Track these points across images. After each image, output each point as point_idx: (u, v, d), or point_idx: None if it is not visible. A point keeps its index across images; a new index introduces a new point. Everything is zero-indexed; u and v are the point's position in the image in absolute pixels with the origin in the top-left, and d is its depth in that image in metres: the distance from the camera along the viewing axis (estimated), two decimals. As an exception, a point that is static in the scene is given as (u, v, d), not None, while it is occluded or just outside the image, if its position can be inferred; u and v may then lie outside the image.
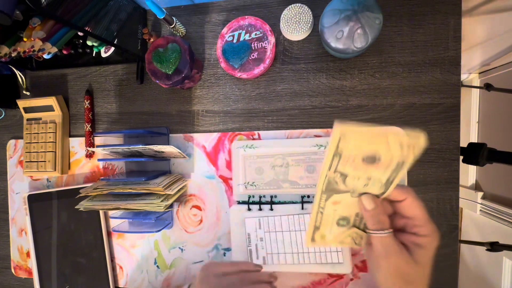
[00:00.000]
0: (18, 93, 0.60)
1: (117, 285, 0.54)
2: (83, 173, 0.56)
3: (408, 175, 0.44)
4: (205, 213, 0.50)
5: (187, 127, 0.52)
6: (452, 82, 0.43)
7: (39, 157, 0.54)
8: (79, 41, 0.52)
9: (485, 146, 0.45)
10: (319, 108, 0.47)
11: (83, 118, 0.56)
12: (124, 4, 0.48)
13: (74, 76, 0.57)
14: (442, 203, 0.43)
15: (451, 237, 0.43)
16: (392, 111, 0.44)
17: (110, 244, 0.54)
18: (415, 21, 0.44)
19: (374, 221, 0.29)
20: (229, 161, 0.49)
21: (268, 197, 0.47)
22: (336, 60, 0.46)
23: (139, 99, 0.54)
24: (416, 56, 0.44)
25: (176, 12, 0.52)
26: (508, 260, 1.02)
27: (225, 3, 0.50)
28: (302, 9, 0.45)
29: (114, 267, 0.54)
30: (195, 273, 0.51)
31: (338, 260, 0.44)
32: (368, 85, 0.45)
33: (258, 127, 0.49)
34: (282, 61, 0.48)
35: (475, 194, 1.17)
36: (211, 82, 0.51)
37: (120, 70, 0.55)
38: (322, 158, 0.45)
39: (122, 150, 0.49)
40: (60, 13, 0.36)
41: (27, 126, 0.56)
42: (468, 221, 1.26)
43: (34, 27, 0.39)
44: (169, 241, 0.52)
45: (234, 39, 0.47)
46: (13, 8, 0.32)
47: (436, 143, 0.43)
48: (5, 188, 0.61)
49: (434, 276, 0.43)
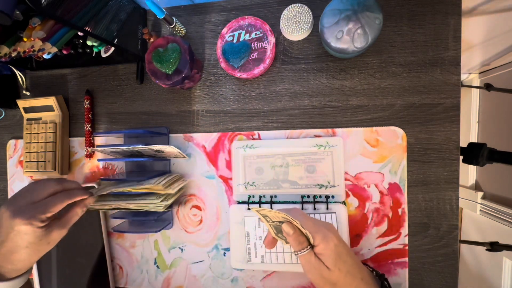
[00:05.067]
0: (18, 93, 0.60)
1: (117, 285, 0.54)
2: (83, 173, 0.56)
3: (408, 175, 0.44)
4: (205, 213, 0.50)
5: (187, 127, 0.52)
6: (452, 82, 0.43)
7: (39, 157, 0.54)
8: (79, 41, 0.52)
9: (485, 146, 0.45)
10: (319, 108, 0.47)
11: (83, 118, 0.56)
12: (124, 4, 0.48)
13: (74, 76, 0.57)
14: (442, 203, 0.43)
15: (451, 237, 0.43)
16: (392, 111, 0.44)
17: (110, 244, 0.54)
18: (415, 21, 0.44)
19: (295, 243, 0.35)
20: (229, 161, 0.49)
21: (268, 197, 0.47)
22: (336, 60, 0.46)
23: (139, 99, 0.54)
24: (416, 56, 0.44)
25: (176, 12, 0.52)
26: (508, 260, 1.02)
27: (225, 3, 0.50)
28: (302, 9, 0.45)
29: (114, 267, 0.54)
30: (195, 273, 0.51)
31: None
32: (368, 85, 0.45)
33: (258, 127, 0.49)
34: (282, 61, 0.48)
35: (475, 194, 1.17)
36: (211, 82, 0.51)
37: (120, 70, 0.55)
38: (322, 158, 0.45)
39: (122, 150, 0.49)
40: (60, 13, 0.36)
41: (27, 126, 0.56)
42: (468, 221, 1.26)
43: (34, 27, 0.39)
44: (169, 241, 0.52)
45: (234, 39, 0.47)
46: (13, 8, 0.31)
47: (436, 143, 0.43)
48: (5, 188, 0.61)
49: (434, 276, 0.43)
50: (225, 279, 0.49)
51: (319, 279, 0.34)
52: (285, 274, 0.47)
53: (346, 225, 0.44)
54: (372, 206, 0.44)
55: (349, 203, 0.45)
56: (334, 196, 0.45)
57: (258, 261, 0.46)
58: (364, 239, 0.45)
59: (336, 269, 0.33)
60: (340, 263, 0.34)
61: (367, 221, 0.45)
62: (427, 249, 0.44)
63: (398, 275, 0.44)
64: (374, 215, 0.44)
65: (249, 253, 0.47)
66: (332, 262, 0.33)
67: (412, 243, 0.44)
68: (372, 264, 0.45)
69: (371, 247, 0.45)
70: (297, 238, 0.35)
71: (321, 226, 0.35)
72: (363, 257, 0.45)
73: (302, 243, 0.35)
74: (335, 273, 0.33)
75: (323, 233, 0.34)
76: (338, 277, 0.34)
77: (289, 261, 0.45)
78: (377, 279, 0.37)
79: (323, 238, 0.34)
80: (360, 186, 0.45)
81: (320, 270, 0.34)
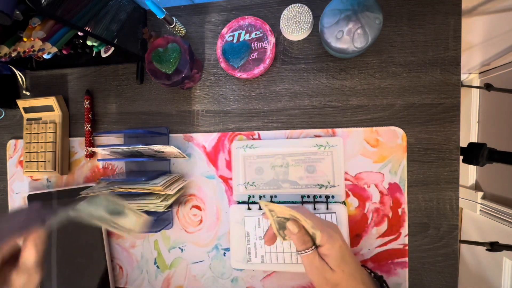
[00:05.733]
0: (18, 93, 0.60)
1: (117, 285, 0.54)
2: (83, 173, 0.56)
3: (408, 175, 0.44)
4: (205, 213, 0.50)
5: (187, 127, 0.52)
6: (452, 82, 0.43)
7: (39, 157, 0.54)
8: (79, 41, 0.52)
9: (485, 146, 0.45)
10: (319, 108, 0.47)
11: (83, 118, 0.56)
12: (124, 4, 0.48)
13: (74, 76, 0.57)
14: (442, 203, 0.43)
15: (451, 237, 0.43)
16: (392, 111, 0.44)
17: (110, 244, 0.54)
18: (415, 21, 0.44)
19: (299, 243, 0.34)
20: (229, 161, 0.49)
21: (268, 197, 0.47)
22: (336, 60, 0.46)
23: (139, 99, 0.54)
24: (416, 56, 0.44)
25: (176, 12, 0.52)
26: (508, 260, 1.02)
27: (225, 3, 0.50)
28: (302, 9, 0.45)
29: (114, 267, 0.54)
30: (195, 273, 0.51)
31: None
32: (368, 85, 0.45)
33: (258, 127, 0.49)
34: (282, 61, 0.48)
35: (475, 194, 1.17)
36: (211, 82, 0.51)
37: (120, 70, 0.55)
38: (322, 158, 0.45)
39: (122, 150, 0.49)
40: (60, 13, 0.36)
41: (27, 126, 0.56)
42: (468, 221, 1.26)
43: (34, 27, 0.39)
44: (169, 241, 0.52)
45: (234, 39, 0.47)
46: (13, 8, 0.31)
47: (436, 143, 0.43)
48: (5, 188, 0.61)
49: (434, 276, 0.43)
50: (225, 279, 0.49)
51: (321, 280, 0.34)
52: (285, 274, 0.47)
53: (346, 225, 0.44)
54: (372, 206, 0.44)
55: (349, 203, 0.45)
56: (334, 196, 0.45)
57: (258, 261, 0.46)
58: (364, 239, 0.45)
59: (339, 271, 0.33)
60: (344, 264, 0.33)
61: (367, 221, 0.45)
62: (427, 249, 0.44)
63: (398, 275, 0.44)
64: (374, 215, 0.44)
65: (249, 253, 0.47)
66: (336, 263, 0.33)
67: (412, 243, 0.44)
68: (372, 264, 0.45)
69: (371, 247, 0.45)
70: (302, 237, 0.34)
71: (327, 226, 0.35)
72: (363, 257, 0.45)
73: (307, 242, 0.34)
74: (339, 274, 0.33)
75: (328, 233, 0.33)
76: (341, 279, 0.33)
77: (289, 261, 0.45)
78: (375, 281, 0.37)
79: (329, 238, 0.33)
80: (360, 186, 0.45)
81: (323, 271, 0.33)
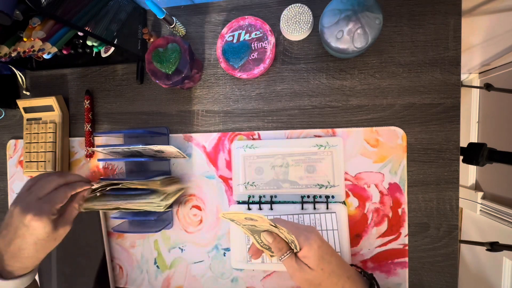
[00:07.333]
0: (18, 93, 0.60)
1: (117, 285, 0.54)
2: (83, 173, 0.56)
3: (408, 175, 0.44)
4: (205, 213, 0.50)
5: (187, 127, 0.52)
6: (452, 82, 0.43)
7: (39, 157, 0.54)
8: (79, 41, 0.52)
9: (485, 146, 0.45)
10: (319, 108, 0.47)
11: (83, 118, 0.56)
12: (124, 4, 0.48)
13: (74, 76, 0.57)
14: (442, 203, 0.43)
15: (451, 237, 0.43)
16: (392, 111, 0.44)
17: (110, 244, 0.54)
18: (415, 21, 0.44)
19: (277, 250, 0.36)
20: (229, 161, 0.49)
21: (268, 197, 0.47)
22: (336, 60, 0.46)
23: (139, 99, 0.54)
24: (416, 56, 0.44)
25: (176, 12, 0.52)
26: (508, 260, 1.02)
27: (225, 3, 0.50)
28: (302, 9, 0.45)
29: (114, 267, 0.54)
30: (195, 273, 0.51)
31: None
32: (368, 85, 0.45)
33: (258, 127, 0.49)
34: (282, 61, 0.48)
35: (475, 194, 1.17)
36: (211, 82, 0.51)
37: (120, 70, 0.55)
38: (322, 158, 0.45)
39: (122, 150, 0.49)
40: (60, 13, 0.36)
41: (27, 126, 0.56)
42: (468, 221, 1.26)
43: (34, 27, 0.39)
44: (169, 241, 0.52)
45: (234, 39, 0.47)
46: (13, 8, 0.31)
47: (436, 143, 0.43)
48: (5, 188, 0.61)
49: (434, 276, 0.43)
50: (225, 279, 0.49)
51: (303, 282, 0.35)
52: (285, 274, 0.47)
53: (346, 225, 0.44)
54: (372, 206, 0.44)
55: (349, 203, 0.45)
56: (334, 196, 0.45)
57: (258, 261, 0.46)
58: (364, 239, 0.45)
59: (319, 269, 0.34)
60: (323, 263, 0.34)
61: (367, 221, 0.45)
62: (427, 249, 0.44)
63: (398, 275, 0.44)
64: (374, 215, 0.44)
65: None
66: (316, 263, 0.34)
67: (412, 243, 0.44)
68: (372, 264, 0.45)
69: (371, 247, 0.45)
70: (277, 245, 0.36)
71: (303, 230, 0.36)
72: (363, 257, 0.45)
73: (282, 249, 0.36)
74: (318, 273, 0.34)
75: (305, 236, 0.35)
76: (322, 277, 0.34)
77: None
78: (365, 279, 0.37)
79: (305, 240, 0.34)
80: (360, 186, 0.45)
81: (303, 272, 0.34)
